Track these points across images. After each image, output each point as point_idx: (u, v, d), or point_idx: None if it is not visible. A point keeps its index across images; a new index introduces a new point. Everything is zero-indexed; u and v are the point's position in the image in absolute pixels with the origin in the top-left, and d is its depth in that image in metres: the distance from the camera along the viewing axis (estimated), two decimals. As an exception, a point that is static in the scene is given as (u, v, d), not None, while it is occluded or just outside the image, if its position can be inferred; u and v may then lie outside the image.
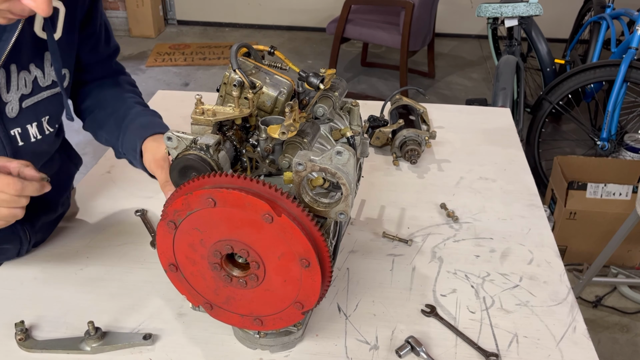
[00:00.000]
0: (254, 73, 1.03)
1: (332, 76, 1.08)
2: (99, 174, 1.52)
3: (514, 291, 1.15)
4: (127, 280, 1.17)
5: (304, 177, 0.87)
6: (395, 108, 1.73)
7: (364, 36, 4.03)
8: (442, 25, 5.04)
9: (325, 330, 1.06)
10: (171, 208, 0.86)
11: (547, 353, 1.02)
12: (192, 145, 0.91)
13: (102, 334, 1.02)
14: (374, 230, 1.32)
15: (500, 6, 3.10)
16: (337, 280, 1.17)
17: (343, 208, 0.88)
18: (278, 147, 0.97)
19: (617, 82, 2.85)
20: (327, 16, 5.05)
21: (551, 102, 3.03)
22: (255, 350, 1.02)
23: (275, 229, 0.82)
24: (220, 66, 4.90)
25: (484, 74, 4.81)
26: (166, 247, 0.91)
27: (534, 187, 1.49)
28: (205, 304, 0.95)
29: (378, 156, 1.63)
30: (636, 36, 2.89)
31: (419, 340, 1.01)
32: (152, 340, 1.01)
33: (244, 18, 5.69)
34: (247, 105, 0.97)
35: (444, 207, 1.40)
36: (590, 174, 2.68)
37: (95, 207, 1.39)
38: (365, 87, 4.53)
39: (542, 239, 1.30)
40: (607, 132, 2.99)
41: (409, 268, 1.21)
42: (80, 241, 1.28)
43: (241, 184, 0.83)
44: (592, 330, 2.34)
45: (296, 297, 0.89)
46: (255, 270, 0.88)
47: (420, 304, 1.12)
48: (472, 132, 1.76)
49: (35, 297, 1.11)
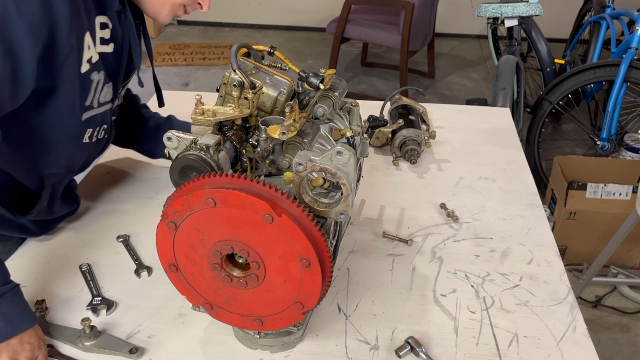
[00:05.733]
0: (254, 73, 1.03)
1: (332, 76, 1.08)
2: (99, 174, 1.52)
3: (514, 291, 1.15)
4: (127, 280, 1.17)
5: (304, 177, 0.87)
6: (395, 108, 1.73)
7: (364, 36, 4.03)
8: (442, 25, 5.04)
9: (325, 331, 1.06)
10: (171, 208, 0.86)
11: (547, 353, 1.02)
12: (192, 145, 0.91)
13: (97, 333, 1.03)
14: (374, 230, 1.32)
15: (500, 6, 3.10)
16: (337, 280, 1.17)
17: (343, 208, 0.88)
18: (278, 147, 0.97)
19: (617, 82, 2.85)
20: (327, 16, 5.04)
21: (551, 102, 3.03)
22: (256, 350, 1.02)
23: (276, 229, 0.82)
24: (220, 66, 4.89)
25: (484, 74, 4.81)
26: (166, 247, 0.91)
27: (533, 187, 1.49)
28: (206, 304, 0.95)
29: (378, 156, 1.63)
30: (636, 36, 2.89)
31: (418, 341, 1.01)
32: (138, 355, 1.00)
33: (244, 18, 5.69)
34: (247, 106, 0.97)
35: (443, 207, 1.40)
36: (590, 174, 2.67)
37: (95, 207, 1.39)
38: (365, 87, 4.53)
39: (542, 239, 1.30)
40: (607, 132, 2.99)
41: (409, 268, 1.21)
42: (80, 241, 1.28)
43: (241, 184, 0.83)
44: (592, 330, 2.34)
45: (296, 297, 0.89)
46: (256, 270, 0.88)
47: (421, 304, 1.12)
48: (472, 132, 1.76)
49: (35, 296, 1.11)
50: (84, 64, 1.03)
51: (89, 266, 1.20)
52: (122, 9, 1.08)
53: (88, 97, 1.08)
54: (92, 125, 1.13)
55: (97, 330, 1.03)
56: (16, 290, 0.97)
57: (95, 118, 1.13)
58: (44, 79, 0.97)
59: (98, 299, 1.11)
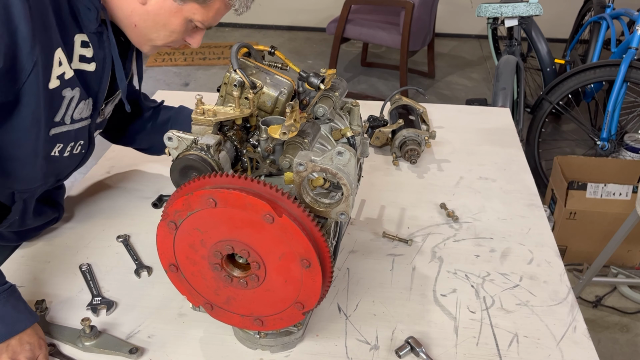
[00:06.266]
0: (255, 73, 1.03)
1: (332, 76, 1.08)
2: (99, 174, 1.52)
3: (514, 291, 1.15)
4: (127, 280, 1.17)
5: (305, 177, 0.87)
6: (395, 108, 1.73)
7: (364, 36, 4.03)
8: (442, 25, 5.04)
9: (325, 331, 1.06)
10: (172, 208, 0.86)
11: (547, 353, 1.02)
12: (192, 145, 0.91)
13: (97, 333, 1.03)
14: (374, 230, 1.32)
15: (500, 6, 3.09)
16: (337, 280, 1.17)
17: (344, 208, 0.88)
18: (279, 148, 0.97)
19: (617, 82, 2.85)
20: (327, 16, 5.04)
21: (551, 102, 3.03)
22: (256, 350, 1.02)
23: (276, 230, 0.82)
24: (220, 66, 4.89)
25: (484, 74, 4.81)
26: (167, 247, 0.91)
27: (534, 187, 1.49)
28: (206, 304, 0.95)
29: (378, 156, 1.63)
30: (636, 36, 2.89)
31: (418, 341, 1.01)
32: (138, 355, 1.00)
33: (244, 18, 5.64)
34: (247, 106, 0.97)
35: (443, 207, 1.40)
36: (590, 174, 2.67)
37: (94, 207, 1.39)
38: (365, 87, 4.53)
39: (542, 239, 1.30)
40: (607, 132, 2.99)
41: (409, 268, 1.21)
42: (80, 241, 1.28)
43: (242, 185, 0.83)
44: (592, 330, 2.34)
45: (297, 297, 0.89)
46: (256, 270, 0.88)
47: (421, 304, 1.12)
48: (472, 132, 1.76)
49: (35, 296, 1.11)
50: (53, 80, 1.00)
51: (89, 266, 1.19)
52: (103, 30, 1.06)
53: (58, 114, 1.05)
54: (63, 140, 1.10)
55: (97, 330, 1.03)
56: (12, 291, 0.97)
57: (68, 134, 1.10)
58: (6, 94, 0.96)
59: (98, 299, 1.11)
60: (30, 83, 0.96)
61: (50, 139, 1.07)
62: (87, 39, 1.05)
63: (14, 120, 1.00)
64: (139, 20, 1.05)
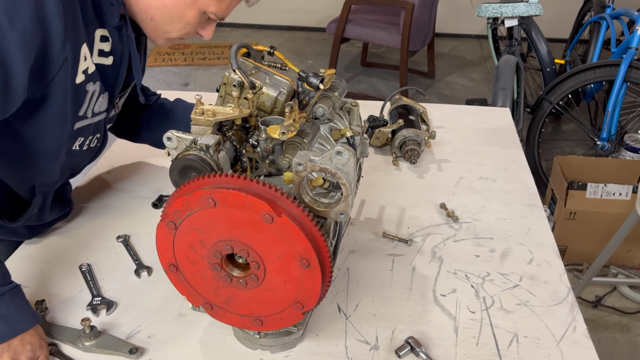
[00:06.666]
0: (254, 73, 1.03)
1: (332, 76, 1.08)
2: (99, 174, 1.52)
3: (514, 291, 1.15)
4: (127, 280, 1.17)
5: (304, 177, 0.87)
6: (395, 108, 1.73)
7: (364, 36, 4.03)
8: (442, 25, 5.04)
9: (325, 331, 1.06)
10: (171, 208, 0.86)
11: (547, 353, 1.02)
12: (192, 145, 0.91)
13: (97, 333, 1.03)
14: (374, 230, 1.32)
15: (500, 6, 3.10)
16: (337, 280, 1.17)
17: (343, 208, 0.88)
18: (278, 148, 0.97)
19: (617, 82, 2.85)
20: (327, 16, 5.04)
21: (551, 102, 3.03)
22: (256, 350, 1.02)
23: (276, 229, 0.82)
24: (220, 66, 4.90)
25: (484, 74, 4.81)
26: (166, 247, 0.91)
27: (533, 187, 1.49)
28: (206, 305, 0.95)
29: (378, 156, 1.63)
30: (636, 36, 2.89)
31: (418, 341, 1.01)
32: (138, 355, 1.00)
33: (244, 18, 5.69)
34: (247, 106, 0.97)
35: (443, 207, 1.40)
36: (590, 174, 2.67)
37: (95, 207, 1.39)
38: (365, 87, 4.53)
39: (542, 239, 1.30)
40: (607, 132, 2.99)
41: (409, 268, 1.21)
42: (80, 241, 1.28)
43: (241, 184, 0.83)
44: (592, 330, 2.34)
45: (296, 297, 0.89)
46: (256, 270, 0.88)
47: (421, 304, 1.12)
48: (472, 132, 1.76)
49: (35, 296, 1.11)
50: (79, 75, 1.02)
51: (89, 266, 1.20)
52: (122, 25, 1.08)
53: (82, 108, 1.07)
54: (84, 134, 1.13)
55: (97, 330, 1.03)
56: (16, 291, 0.97)
57: (88, 127, 1.12)
58: (36, 90, 0.96)
59: (98, 299, 1.11)
60: (60, 78, 0.98)
61: (74, 133, 1.10)
62: (107, 34, 1.07)
63: (42, 115, 1.02)
64: (155, 12, 1.07)
